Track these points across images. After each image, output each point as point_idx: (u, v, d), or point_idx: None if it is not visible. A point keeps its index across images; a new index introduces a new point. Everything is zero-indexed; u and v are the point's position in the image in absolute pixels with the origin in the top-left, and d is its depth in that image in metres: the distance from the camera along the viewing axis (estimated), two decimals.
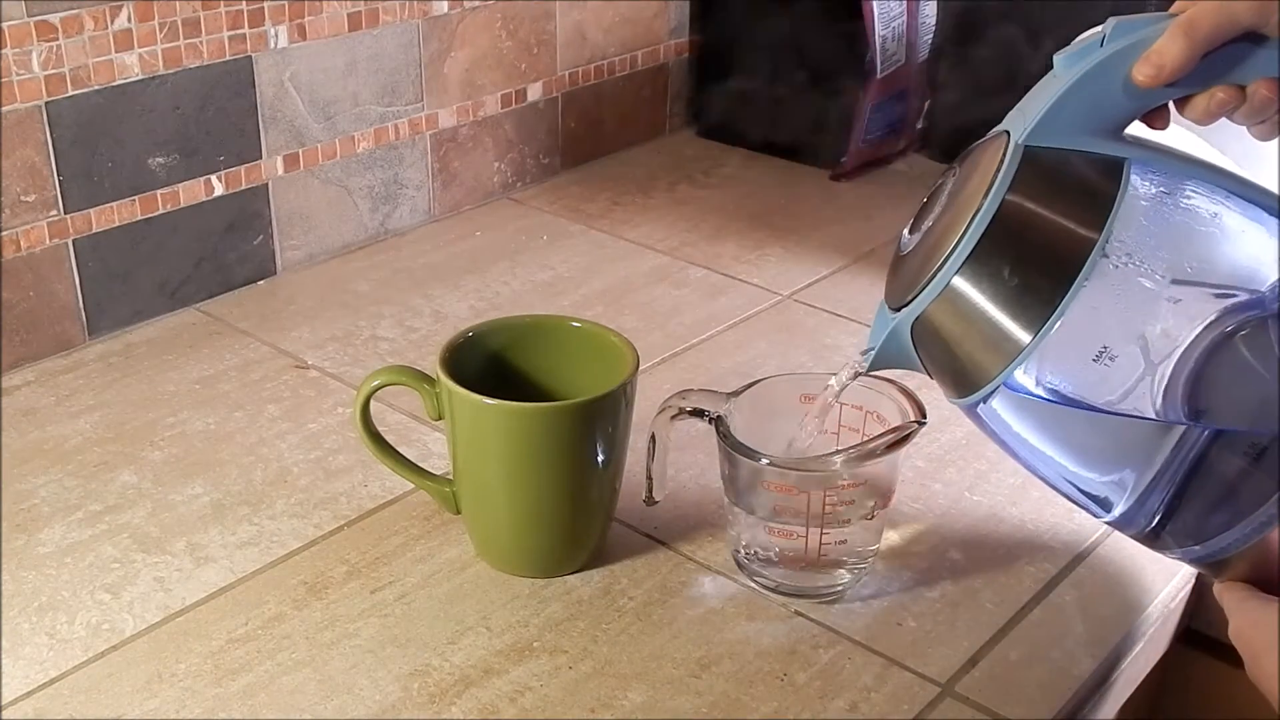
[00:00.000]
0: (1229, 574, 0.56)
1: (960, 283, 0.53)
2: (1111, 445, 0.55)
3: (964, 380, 0.55)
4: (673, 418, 0.66)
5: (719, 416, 0.65)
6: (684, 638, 0.63)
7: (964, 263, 0.53)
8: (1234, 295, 0.52)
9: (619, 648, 0.63)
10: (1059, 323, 0.51)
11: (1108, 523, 0.58)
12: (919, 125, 1.22)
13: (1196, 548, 0.55)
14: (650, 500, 0.69)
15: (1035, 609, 0.66)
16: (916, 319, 0.55)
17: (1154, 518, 0.55)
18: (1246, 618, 0.54)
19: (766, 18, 1.18)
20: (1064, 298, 0.51)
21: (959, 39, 1.16)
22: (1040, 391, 0.53)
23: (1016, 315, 0.52)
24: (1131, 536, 0.58)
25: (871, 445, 0.62)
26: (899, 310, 0.56)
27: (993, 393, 0.53)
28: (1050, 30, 1.05)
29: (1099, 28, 0.53)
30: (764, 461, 0.63)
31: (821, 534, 0.63)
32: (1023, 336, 0.52)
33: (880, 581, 0.67)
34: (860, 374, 0.61)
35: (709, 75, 1.25)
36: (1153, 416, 0.52)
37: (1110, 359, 0.52)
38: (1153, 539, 0.57)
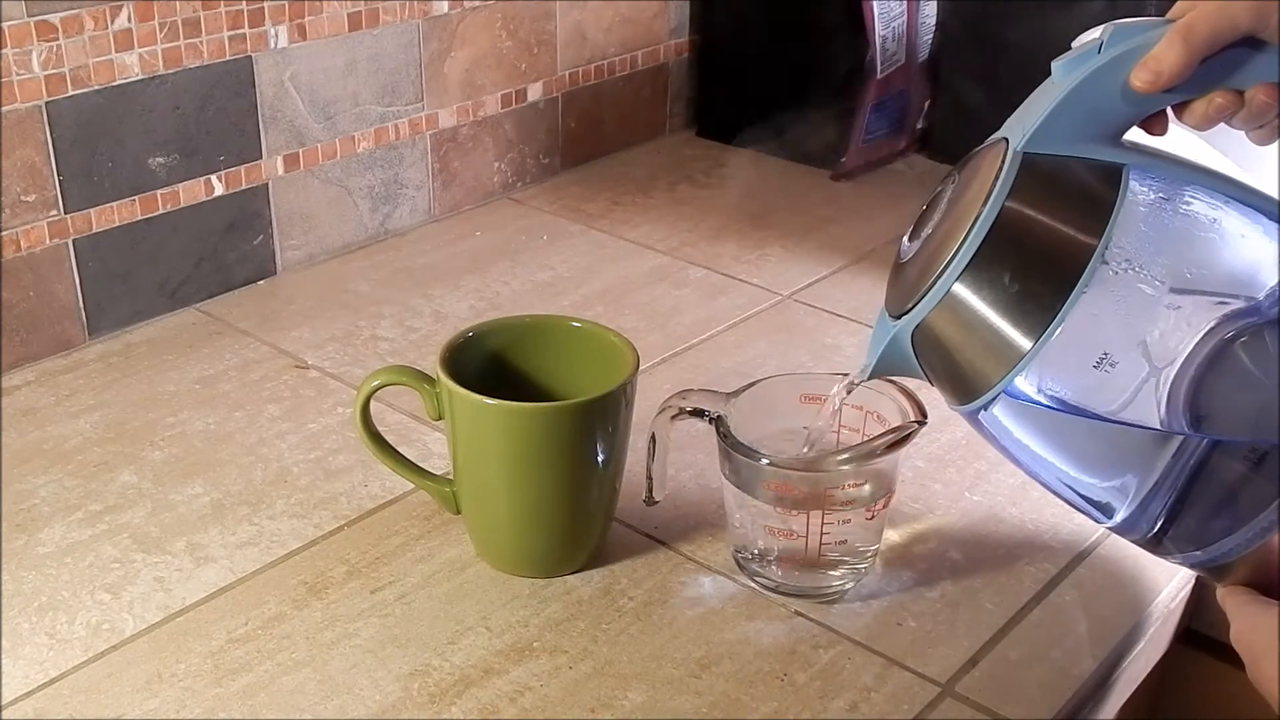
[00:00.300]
0: (1231, 578, 0.56)
1: (961, 290, 0.53)
2: (1112, 452, 0.55)
3: (965, 387, 0.55)
4: (673, 418, 0.66)
5: (719, 416, 0.65)
6: (684, 638, 0.63)
7: (964, 270, 0.53)
8: (1233, 302, 0.52)
9: (619, 648, 0.63)
10: (1059, 329, 0.51)
11: (1109, 528, 0.58)
12: (919, 125, 1.22)
13: (1198, 553, 0.55)
14: (650, 500, 0.69)
15: (1035, 609, 0.66)
16: (917, 326, 0.55)
17: (1155, 523, 0.55)
18: (1247, 621, 0.54)
19: (766, 17, 1.18)
20: (1064, 304, 0.51)
21: (959, 39, 1.17)
22: (1041, 398, 0.53)
23: (1017, 322, 0.52)
24: (1133, 542, 0.58)
25: (871, 445, 0.62)
26: (899, 318, 0.56)
27: (994, 399, 0.53)
28: (1051, 29, 1.05)
29: (1096, 31, 0.53)
30: (764, 462, 0.63)
31: (822, 534, 0.63)
32: (1023, 343, 0.52)
33: (880, 581, 0.67)
34: (857, 385, 0.61)
35: (709, 75, 1.25)
36: (1154, 423, 0.52)
37: (1111, 365, 0.52)
38: (1154, 544, 0.57)
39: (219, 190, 0.92)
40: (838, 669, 0.62)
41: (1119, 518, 0.56)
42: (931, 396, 0.61)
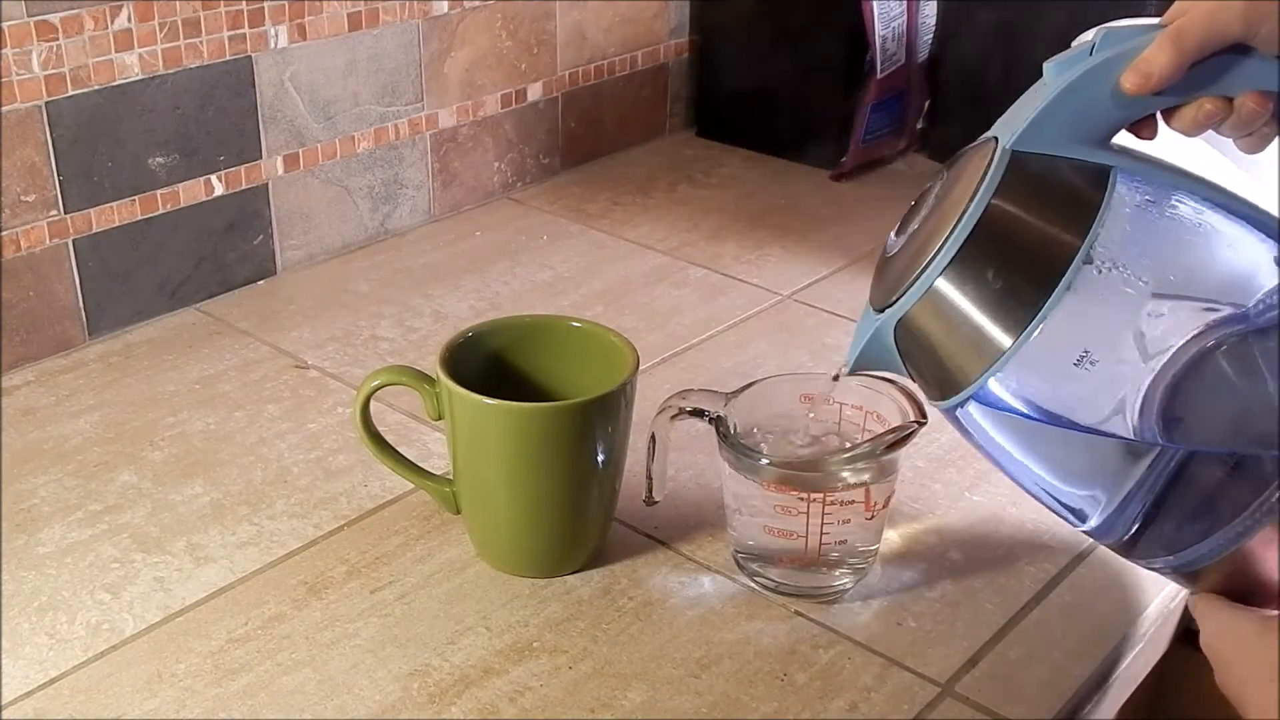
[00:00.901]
0: (1203, 585, 0.56)
1: (944, 285, 0.53)
2: (1088, 457, 0.55)
3: (945, 383, 0.55)
4: (673, 418, 0.66)
5: (719, 416, 0.65)
6: (684, 638, 0.63)
7: (948, 264, 0.53)
8: (1217, 309, 0.52)
9: (619, 648, 0.63)
10: (1041, 327, 0.51)
11: (1084, 532, 0.58)
12: (919, 125, 1.22)
13: (1171, 558, 0.55)
14: (650, 500, 0.69)
15: (1035, 609, 0.66)
16: (900, 320, 0.55)
17: (1130, 528, 0.55)
18: (1217, 626, 0.54)
19: (766, 18, 1.18)
20: (1046, 302, 0.51)
21: (959, 39, 1.17)
22: (1018, 401, 0.53)
23: (999, 318, 0.52)
24: (1107, 546, 0.58)
25: (871, 445, 0.62)
26: (883, 311, 0.56)
27: (971, 396, 0.54)
28: (1050, 29, 1.05)
29: (1089, 34, 0.53)
30: (764, 461, 0.63)
31: (821, 534, 0.63)
32: (1004, 340, 0.52)
33: (880, 581, 0.67)
34: (840, 376, 0.61)
35: (709, 75, 1.25)
36: (1129, 429, 0.52)
37: (1091, 364, 0.52)
38: (1128, 549, 0.57)
39: (219, 190, 0.92)
40: (838, 669, 0.62)
41: (1093, 523, 0.56)
42: None
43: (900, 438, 0.62)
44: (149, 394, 0.83)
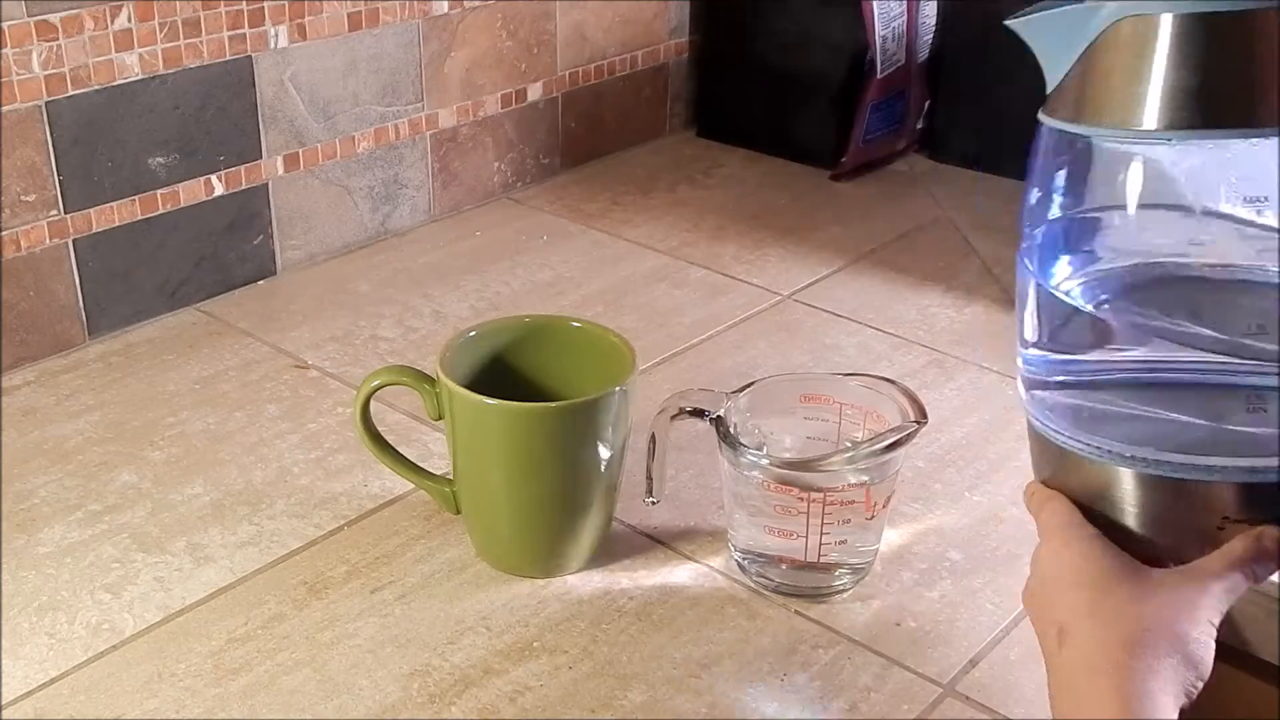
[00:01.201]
0: (1065, 477, 0.52)
1: (1199, 24, 0.47)
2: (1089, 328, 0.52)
3: (1103, 106, 0.49)
4: (673, 418, 0.66)
5: (719, 416, 0.65)
6: (684, 638, 0.63)
7: (1212, 14, 0.46)
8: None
9: (619, 648, 0.63)
10: (1257, 140, 0.46)
11: (1022, 356, 0.54)
12: (919, 125, 1.22)
13: (1069, 432, 0.51)
14: (650, 500, 0.69)
15: None
16: (1125, 18, 0.48)
17: (1056, 380, 0.52)
18: (1064, 540, 0.50)
19: (766, 18, 1.18)
20: (1261, 128, 0.46)
21: (959, 39, 1.17)
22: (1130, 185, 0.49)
23: (1217, 101, 0.46)
24: (1024, 371, 0.54)
25: (871, 445, 0.62)
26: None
27: (1141, 137, 0.48)
28: None
29: None
30: (764, 461, 0.63)
31: (821, 534, 0.64)
32: (1208, 118, 0.46)
33: (880, 581, 0.67)
34: (1009, 25, 0.55)
35: (709, 75, 1.25)
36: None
37: (1261, 208, 0.48)
38: (1030, 384, 0.53)
39: (219, 190, 0.92)
40: (838, 669, 0.62)
41: (1029, 352, 0.53)
42: (931, 396, 0.61)
43: (900, 438, 0.62)
44: (149, 394, 0.83)
